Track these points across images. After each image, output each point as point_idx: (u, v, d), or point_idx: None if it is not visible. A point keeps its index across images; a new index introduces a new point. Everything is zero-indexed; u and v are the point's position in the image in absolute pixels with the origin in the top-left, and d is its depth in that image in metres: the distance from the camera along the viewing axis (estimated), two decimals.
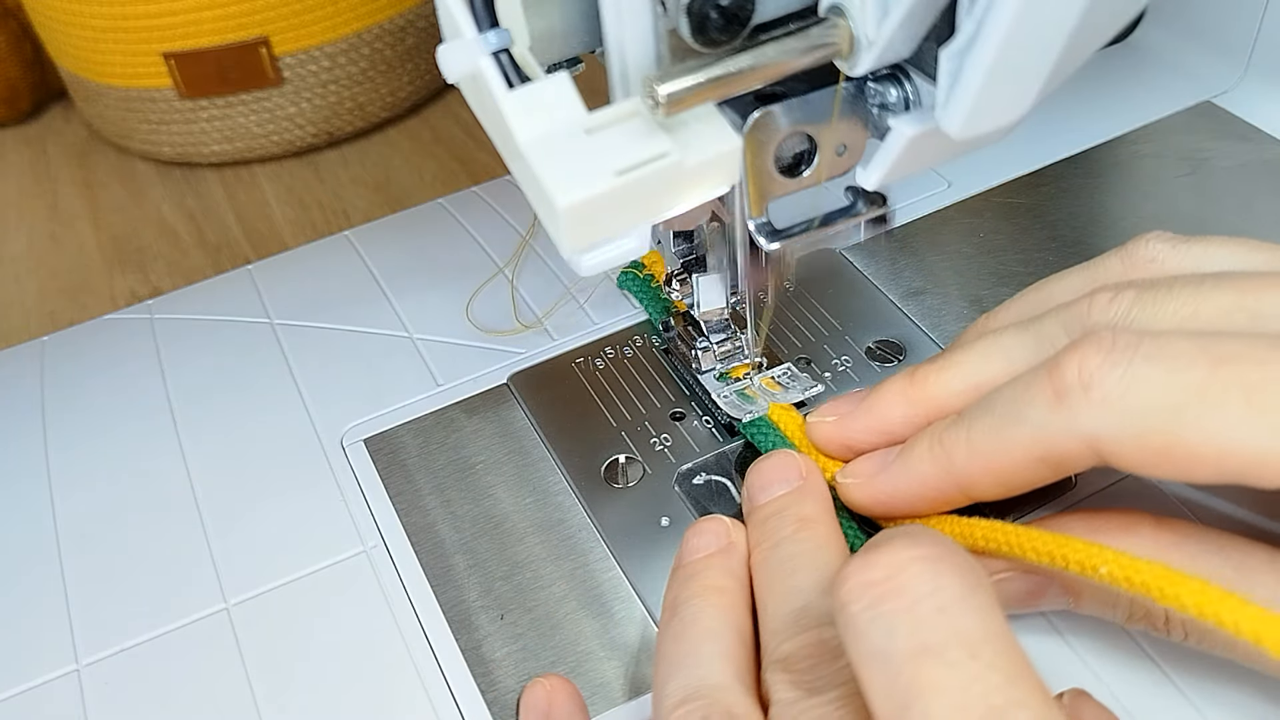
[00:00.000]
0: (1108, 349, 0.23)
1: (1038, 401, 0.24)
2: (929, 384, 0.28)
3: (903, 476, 0.27)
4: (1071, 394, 0.23)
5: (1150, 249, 0.28)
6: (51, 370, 0.40)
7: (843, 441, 0.29)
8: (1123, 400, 0.22)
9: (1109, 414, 0.23)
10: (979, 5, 0.21)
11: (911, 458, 0.27)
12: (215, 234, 0.56)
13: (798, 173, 0.27)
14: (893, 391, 0.28)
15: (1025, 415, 0.24)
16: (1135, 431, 0.22)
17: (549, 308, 0.39)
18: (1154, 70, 0.47)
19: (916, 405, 0.28)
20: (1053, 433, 0.23)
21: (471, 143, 0.60)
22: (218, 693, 0.29)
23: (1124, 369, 0.23)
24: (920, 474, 0.26)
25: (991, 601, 0.20)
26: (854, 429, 0.29)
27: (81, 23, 0.55)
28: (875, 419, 0.29)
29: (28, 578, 0.32)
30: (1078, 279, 0.29)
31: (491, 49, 0.24)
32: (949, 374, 0.28)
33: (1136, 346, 0.23)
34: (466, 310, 0.39)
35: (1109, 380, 0.23)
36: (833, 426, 0.29)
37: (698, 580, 0.27)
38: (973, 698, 0.19)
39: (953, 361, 0.28)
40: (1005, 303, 0.30)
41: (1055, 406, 0.23)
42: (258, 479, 0.34)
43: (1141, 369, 0.22)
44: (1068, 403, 0.23)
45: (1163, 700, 0.26)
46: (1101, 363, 0.23)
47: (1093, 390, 0.23)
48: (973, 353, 0.28)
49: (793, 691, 0.23)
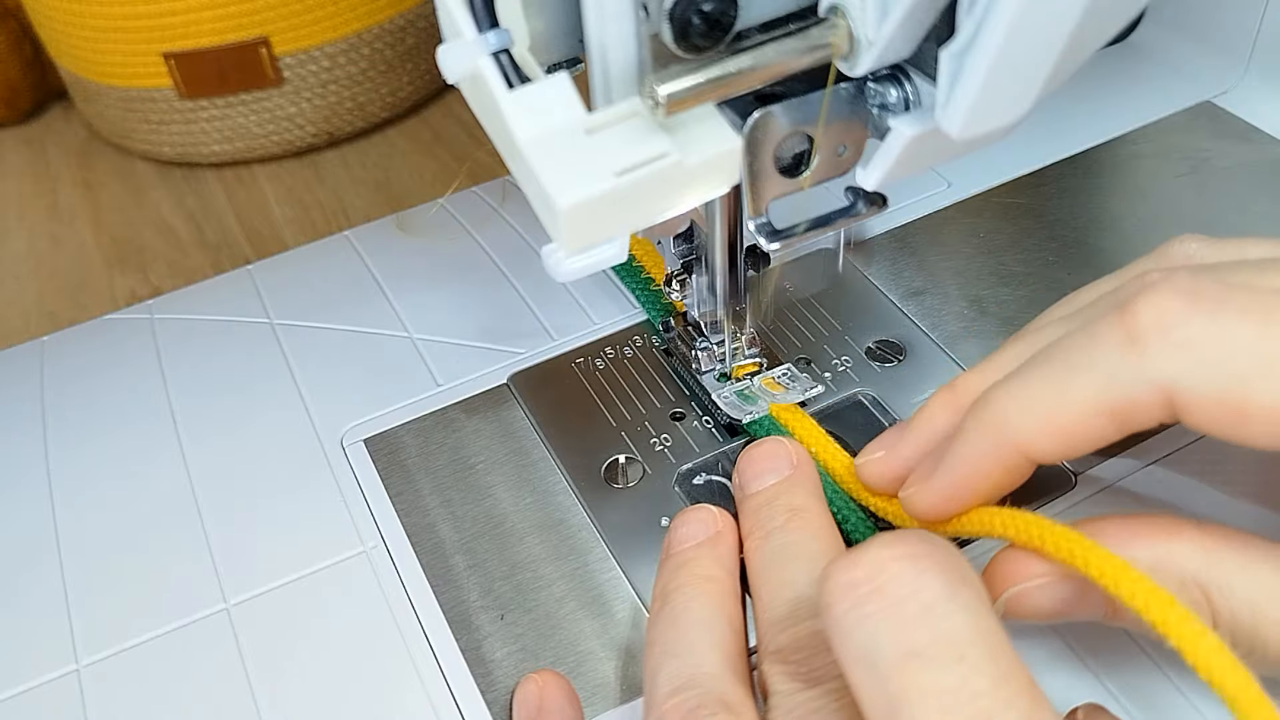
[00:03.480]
0: (1188, 293, 0.21)
1: (1107, 344, 0.22)
2: (969, 387, 0.26)
3: (960, 463, 0.24)
4: (1148, 335, 0.21)
5: (1185, 248, 0.27)
6: (51, 370, 0.40)
7: (896, 472, 0.27)
8: (1209, 348, 0.21)
9: (1191, 361, 0.21)
10: (979, 5, 0.21)
11: (961, 439, 0.24)
12: (215, 234, 0.56)
13: (798, 173, 0.27)
14: (934, 405, 0.27)
15: (1091, 361, 0.22)
16: (1218, 384, 0.21)
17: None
18: (1154, 70, 0.47)
19: (962, 411, 0.26)
20: (1124, 381, 0.22)
21: (471, 143, 0.60)
22: (218, 693, 0.29)
23: (1211, 315, 0.21)
24: (974, 451, 0.24)
25: (977, 598, 0.20)
26: (905, 454, 0.27)
27: (81, 23, 0.55)
28: (923, 437, 0.27)
29: (28, 578, 0.32)
30: (1112, 284, 0.27)
31: (491, 49, 0.24)
32: (990, 374, 0.26)
33: (1225, 294, 0.21)
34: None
35: (1194, 324, 0.21)
36: (883, 461, 0.28)
37: (687, 569, 0.27)
38: (960, 701, 0.18)
39: (992, 363, 0.27)
40: (1041, 314, 0.29)
41: (1127, 349, 0.21)
42: (258, 479, 0.34)
43: (1234, 317, 0.21)
44: (1142, 345, 0.21)
45: (1172, 710, 0.26)
46: (1183, 306, 0.21)
47: (1171, 333, 0.21)
48: (1010, 350, 0.26)
49: (790, 683, 0.23)
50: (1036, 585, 0.24)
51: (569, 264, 0.25)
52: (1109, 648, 0.27)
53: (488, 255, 0.42)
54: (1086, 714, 0.24)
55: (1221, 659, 0.20)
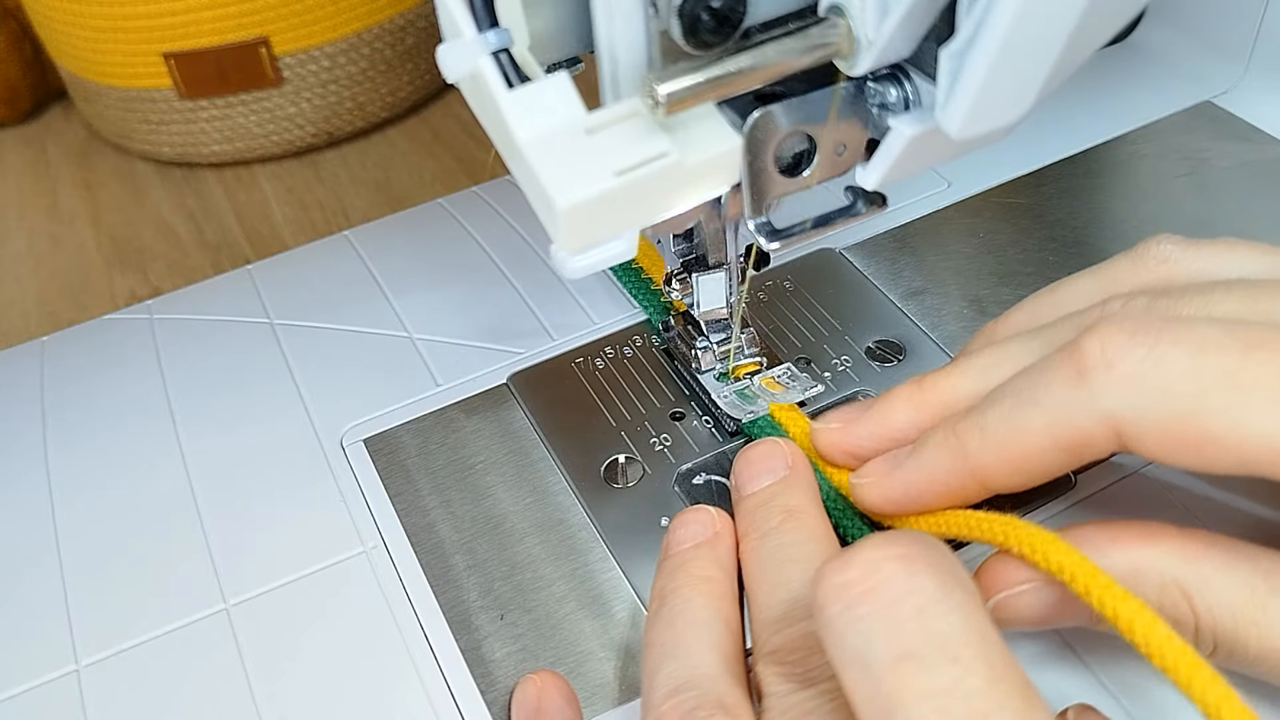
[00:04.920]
0: (1130, 330, 0.22)
1: (1057, 381, 0.23)
2: (936, 388, 0.27)
3: (916, 472, 0.26)
4: (1094, 371, 0.22)
5: (1161, 249, 0.27)
6: (51, 370, 0.40)
7: (847, 448, 0.29)
8: (1148, 380, 0.22)
9: (1133, 393, 0.22)
10: (979, 5, 0.21)
11: (924, 451, 0.26)
12: (215, 234, 0.56)
13: (798, 173, 0.27)
14: (898, 397, 0.28)
15: (1044, 396, 0.23)
16: (1159, 414, 0.22)
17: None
18: (1154, 70, 0.47)
19: (922, 409, 0.27)
20: (1073, 413, 0.23)
21: (472, 143, 0.60)
22: (218, 693, 0.29)
23: (1149, 348, 0.22)
24: (934, 467, 0.26)
25: (971, 599, 0.20)
26: (858, 434, 0.28)
27: (81, 23, 0.55)
28: (879, 424, 0.28)
29: (28, 578, 0.32)
30: (1087, 282, 0.28)
31: (491, 49, 0.24)
32: (956, 379, 0.27)
33: (1162, 328, 0.22)
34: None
35: (1133, 358, 0.22)
36: (837, 433, 0.29)
37: (685, 570, 0.27)
38: (954, 702, 0.18)
39: (960, 368, 0.27)
40: (1013, 307, 0.30)
41: (1076, 385, 0.22)
42: (257, 479, 0.34)
43: (1168, 349, 0.22)
44: (1089, 380, 0.22)
45: (1171, 709, 0.26)
46: (1125, 341, 0.22)
47: (1116, 368, 0.22)
48: (980, 358, 0.27)
49: (785, 684, 0.23)
50: (1021, 591, 0.24)
51: (576, 261, 0.25)
52: (1107, 646, 0.27)
53: (488, 255, 0.42)
54: (1077, 714, 0.24)
55: (1185, 655, 0.20)
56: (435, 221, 0.44)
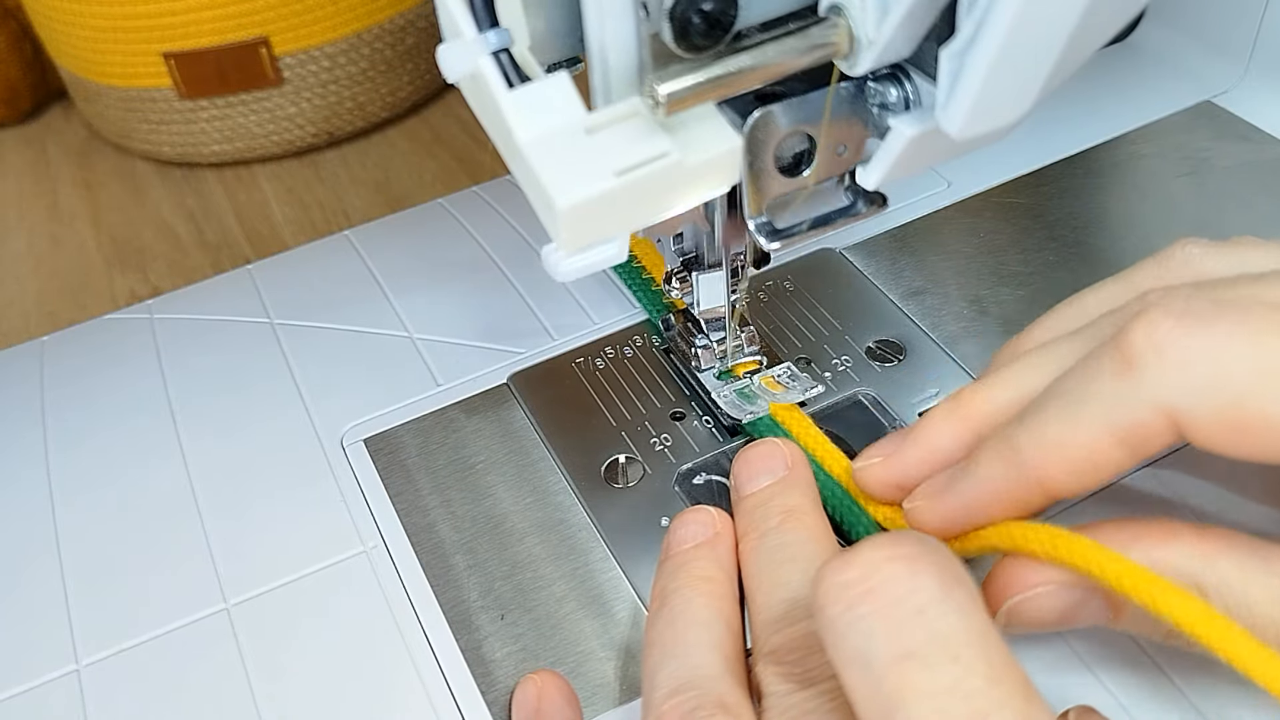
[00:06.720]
0: (1179, 313, 0.21)
1: (1105, 374, 0.22)
2: (975, 402, 0.26)
3: (972, 488, 0.25)
4: (1142, 360, 0.21)
5: (1186, 252, 0.27)
6: (51, 370, 0.40)
7: (893, 480, 0.27)
8: (1200, 366, 0.21)
9: (1187, 381, 0.21)
10: (979, 5, 0.21)
11: (979, 465, 0.25)
12: (215, 234, 0.56)
13: (798, 172, 0.27)
14: (937, 418, 0.27)
15: (1093, 392, 0.22)
16: (1215, 402, 0.21)
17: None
18: (1154, 70, 0.47)
19: (965, 425, 0.26)
20: (1126, 406, 0.22)
21: (471, 143, 0.60)
22: (218, 693, 0.29)
23: (1203, 333, 0.21)
24: (991, 479, 0.24)
25: (971, 599, 0.20)
26: (905, 463, 0.27)
27: (81, 23, 0.55)
28: (925, 449, 0.26)
29: (28, 578, 0.32)
30: (1115, 287, 0.27)
31: (491, 49, 0.24)
32: (995, 390, 0.26)
33: (1216, 312, 0.21)
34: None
35: (1183, 343, 0.21)
36: (880, 467, 0.27)
37: (686, 570, 0.27)
38: (955, 701, 0.18)
39: (995, 380, 0.26)
40: (1035, 321, 0.29)
41: (1124, 375, 0.22)
42: (257, 479, 0.34)
43: (1223, 333, 0.21)
44: (1138, 370, 0.21)
45: (1171, 710, 0.26)
46: (1174, 326, 0.21)
47: (1166, 354, 0.21)
48: (1019, 365, 0.26)
49: (785, 684, 0.23)
50: (1038, 594, 0.24)
51: (569, 264, 0.25)
52: (1108, 647, 0.27)
53: (488, 255, 0.42)
54: (1078, 715, 0.24)
55: (1255, 647, 0.20)
56: (435, 221, 0.44)
